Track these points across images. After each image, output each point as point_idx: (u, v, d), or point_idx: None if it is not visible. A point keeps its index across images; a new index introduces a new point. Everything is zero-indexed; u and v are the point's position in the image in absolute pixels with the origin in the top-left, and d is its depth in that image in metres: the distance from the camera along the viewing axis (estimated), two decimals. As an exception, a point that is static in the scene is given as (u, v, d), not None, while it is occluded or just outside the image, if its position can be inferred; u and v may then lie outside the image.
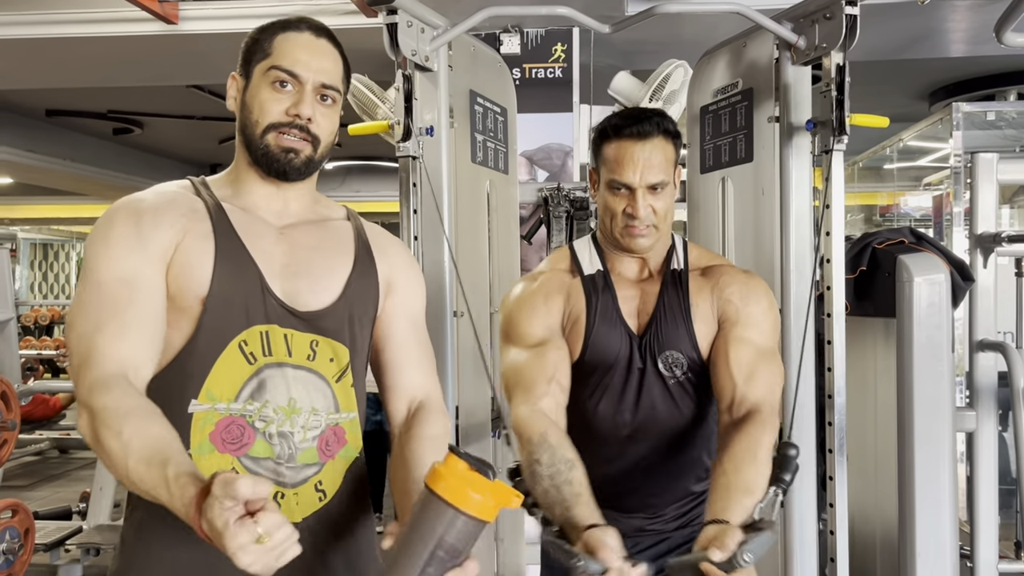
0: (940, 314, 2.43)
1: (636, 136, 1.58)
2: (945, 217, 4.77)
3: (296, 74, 1.25)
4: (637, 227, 1.59)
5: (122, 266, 1.16)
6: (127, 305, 1.14)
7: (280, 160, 1.25)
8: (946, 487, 2.47)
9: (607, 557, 1.21)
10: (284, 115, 1.25)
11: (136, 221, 1.19)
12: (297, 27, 1.29)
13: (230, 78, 1.32)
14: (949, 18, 3.49)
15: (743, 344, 1.57)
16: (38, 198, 9.88)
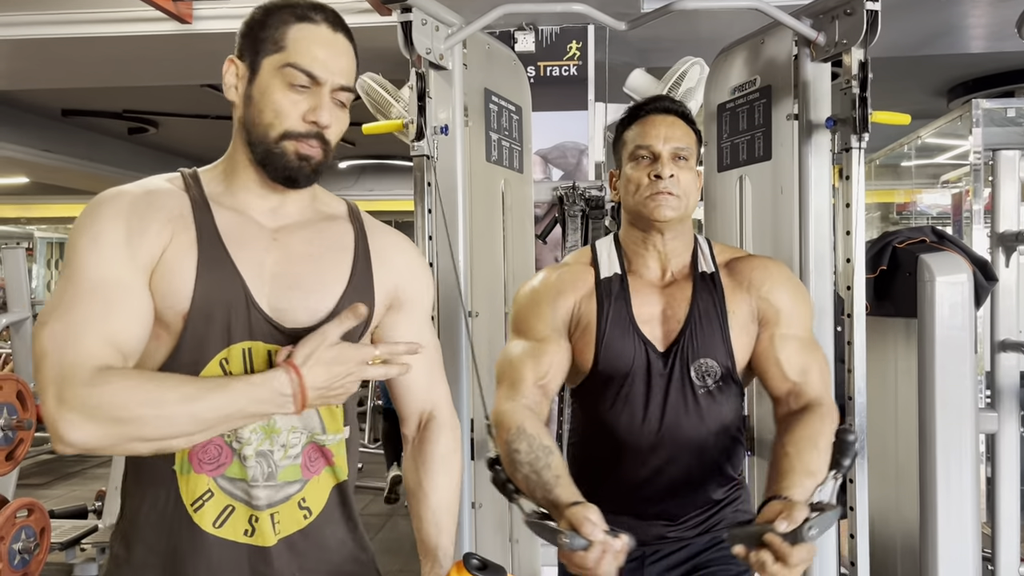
0: (963, 315, 2.39)
1: (660, 111, 1.63)
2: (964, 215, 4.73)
3: (315, 75, 1.15)
4: (663, 192, 1.56)
5: (109, 269, 1.07)
6: (113, 308, 1.06)
7: (294, 168, 1.16)
8: (968, 490, 2.44)
9: (590, 531, 1.25)
10: (302, 122, 1.15)
11: (124, 224, 1.10)
12: (313, 19, 1.16)
13: (228, 62, 1.18)
14: (969, 13, 3.44)
15: (789, 341, 1.58)
16: (54, 197, 9.96)
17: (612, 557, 1.27)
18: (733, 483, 1.66)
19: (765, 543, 1.24)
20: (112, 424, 1.00)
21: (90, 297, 1.05)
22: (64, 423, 0.99)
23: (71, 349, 1.02)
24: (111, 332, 1.05)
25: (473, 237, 2.17)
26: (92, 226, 1.10)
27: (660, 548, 1.63)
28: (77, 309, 1.04)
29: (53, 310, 1.05)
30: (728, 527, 1.44)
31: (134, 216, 1.11)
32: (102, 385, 1.00)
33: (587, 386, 1.64)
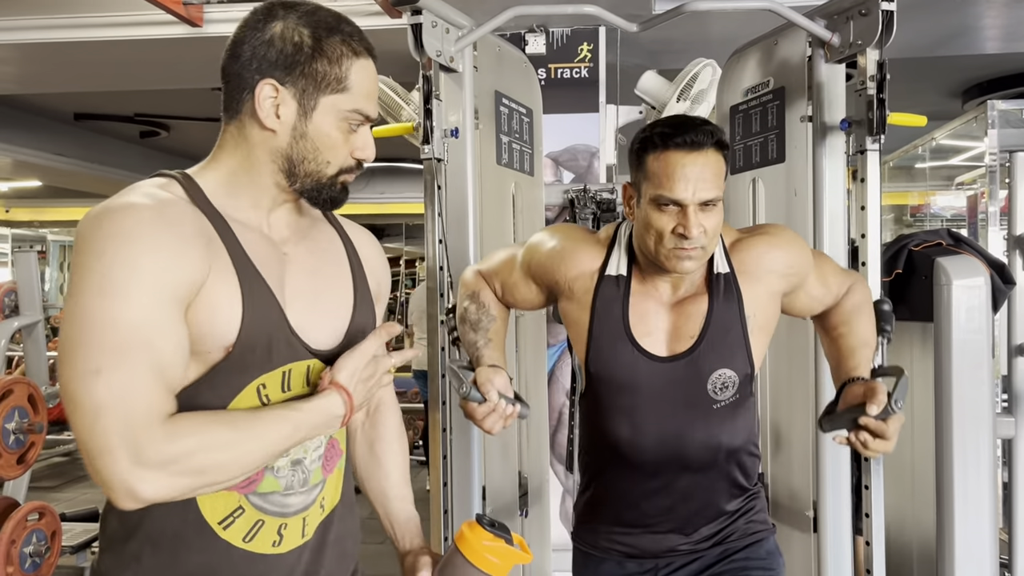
0: (980, 319, 2.36)
1: (688, 147, 1.42)
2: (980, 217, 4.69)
3: (370, 117, 1.15)
4: (686, 248, 1.43)
5: (152, 306, 0.98)
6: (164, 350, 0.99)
7: (340, 198, 1.16)
8: (985, 495, 2.41)
9: (488, 390, 1.47)
10: (351, 157, 1.14)
11: (159, 252, 1.00)
12: (365, 54, 1.13)
13: (267, 86, 1.09)
14: (985, 14, 3.41)
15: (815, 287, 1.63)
16: (67, 201, 10.00)
17: (498, 417, 1.48)
18: (747, 494, 1.63)
19: (861, 425, 1.41)
20: (192, 476, 0.98)
21: (140, 340, 0.96)
22: (142, 482, 0.95)
23: (136, 403, 0.95)
24: (166, 377, 0.99)
25: (483, 240, 2.16)
26: (123, 251, 0.97)
27: (672, 560, 1.60)
28: (131, 356, 0.96)
29: (101, 358, 0.94)
30: (822, 418, 1.55)
31: (167, 242, 1.01)
32: (179, 439, 0.97)
33: (588, 393, 1.61)
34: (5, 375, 3.82)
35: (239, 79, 1.11)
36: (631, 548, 1.61)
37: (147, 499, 0.96)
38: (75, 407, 0.95)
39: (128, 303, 0.96)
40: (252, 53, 1.10)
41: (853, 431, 1.43)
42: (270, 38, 1.09)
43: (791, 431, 2.23)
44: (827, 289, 1.66)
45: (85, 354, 0.95)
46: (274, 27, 1.10)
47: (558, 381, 3.29)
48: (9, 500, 3.48)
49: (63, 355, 0.97)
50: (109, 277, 0.96)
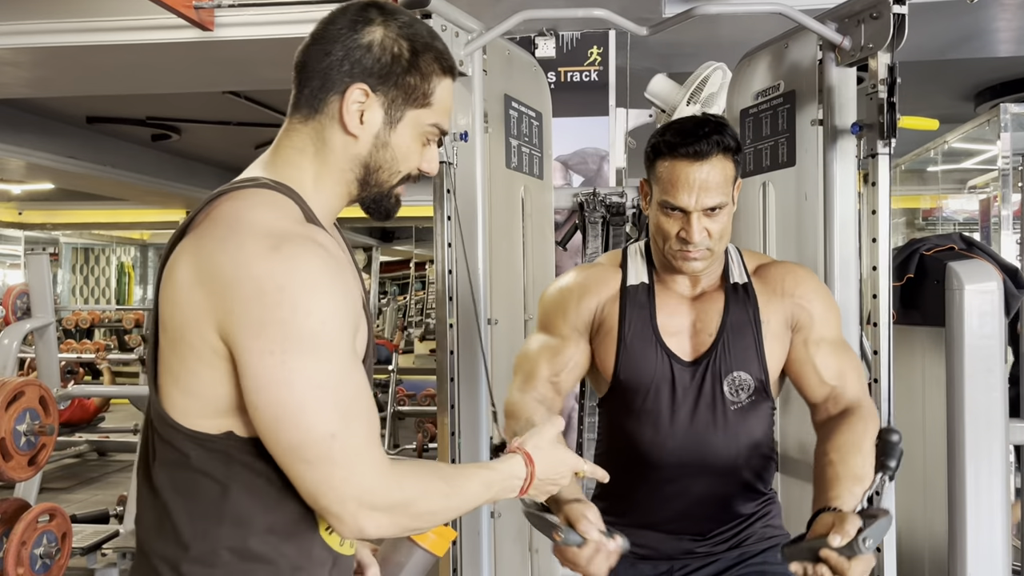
0: (992, 324, 2.35)
1: (692, 156, 1.46)
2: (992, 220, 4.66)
3: (445, 132, 1.17)
4: (691, 251, 1.49)
5: (347, 358, 1.01)
6: (366, 400, 1.04)
7: (395, 209, 1.17)
8: (998, 501, 2.39)
9: (586, 529, 1.31)
10: (416, 168, 1.15)
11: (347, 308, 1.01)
12: (452, 73, 1.15)
13: (358, 89, 1.07)
14: (998, 17, 3.39)
15: (823, 345, 1.57)
16: (79, 203, 10.05)
17: (604, 557, 1.32)
18: (763, 498, 1.63)
19: (822, 558, 1.25)
20: (410, 519, 1.06)
21: (355, 395, 1.01)
22: (369, 522, 1.01)
23: (364, 454, 1.00)
24: (375, 421, 1.05)
25: (492, 244, 2.16)
26: (319, 304, 0.97)
27: (688, 563, 1.60)
28: (355, 414, 1.00)
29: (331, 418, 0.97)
30: (784, 546, 1.38)
31: (341, 282, 1.01)
32: (405, 488, 1.04)
33: (611, 397, 1.62)
34: (17, 377, 3.84)
35: (326, 78, 1.08)
36: (645, 549, 1.61)
37: (372, 536, 1.04)
38: (305, 464, 0.98)
39: (338, 361, 0.99)
40: (346, 55, 1.08)
41: (812, 563, 1.27)
42: (368, 43, 1.08)
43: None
44: (832, 368, 1.56)
45: (313, 419, 0.96)
46: (373, 33, 1.08)
47: (567, 385, 3.28)
48: (20, 501, 3.50)
49: (283, 418, 0.96)
50: (316, 335, 0.96)
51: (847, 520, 1.26)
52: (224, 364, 0.98)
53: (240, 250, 0.96)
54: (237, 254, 0.96)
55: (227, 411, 1.00)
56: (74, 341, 8.89)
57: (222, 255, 0.96)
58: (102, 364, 7.36)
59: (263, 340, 0.94)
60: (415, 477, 1.06)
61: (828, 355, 1.57)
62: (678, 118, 1.56)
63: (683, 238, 1.49)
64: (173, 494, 1.04)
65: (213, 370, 0.98)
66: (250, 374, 0.95)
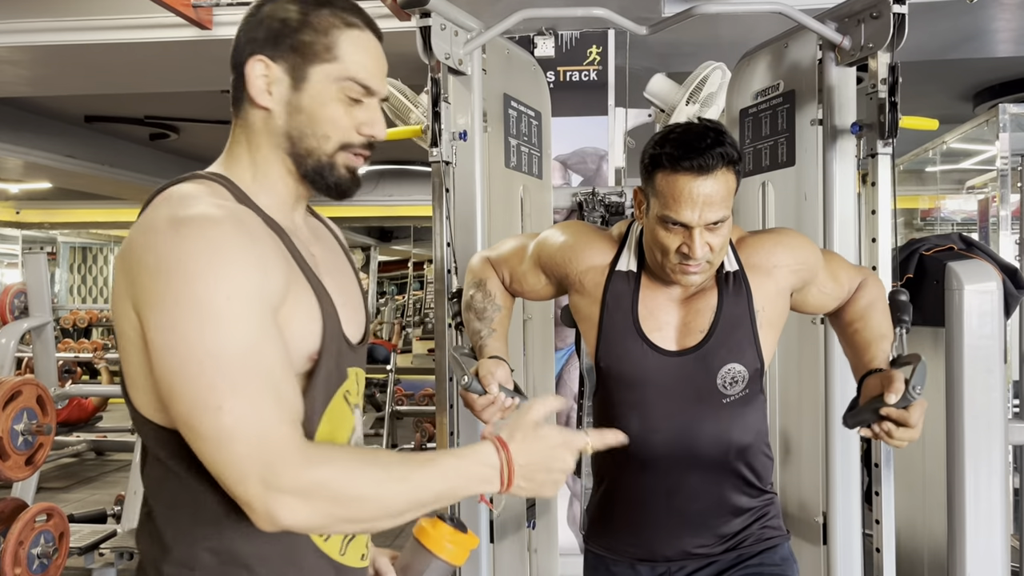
0: (991, 324, 2.35)
1: (696, 171, 1.40)
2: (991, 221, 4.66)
3: (371, 88, 1.10)
4: (691, 267, 1.45)
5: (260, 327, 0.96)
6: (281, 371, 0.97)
7: (346, 182, 1.11)
8: (997, 502, 2.39)
9: (488, 383, 1.48)
10: (357, 133, 1.10)
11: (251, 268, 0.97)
12: (358, 25, 1.10)
13: (256, 61, 1.06)
14: (997, 17, 3.39)
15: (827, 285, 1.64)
16: (77, 202, 10.04)
17: (497, 409, 1.50)
18: (761, 496, 1.61)
19: (883, 416, 1.42)
20: (330, 505, 0.95)
21: (255, 367, 0.94)
22: (280, 507, 0.92)
23: (266, 430, 0.93)
24: (289, 400, 0.97)
25: (491, 244, 2.16)
26: (215, 271, 0.94)
27: (686, 564, 1.59)
28: (250, 385, 0.93)
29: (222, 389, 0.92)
30: (846, 414, 1.54)
31: (255, 257, 0.98)
32: (318, 467, 0.94)
33: (600, 388, 1.62)
34: (14, 376, 3.83)
35: (235, 64, 1.09)
36: (643, 551, 1.60)
37: (287, 525, 0.94)
38: (201, 440, 0.93)
39: (235, 330, 0.93)
40: (244, 37, 1.09)
41: (876, 423, 1.44)
42: (260, 18, 1.08)
43: (800, 438, 2.21)
44: (838, 284, 1.66)
45: (201, 391, 0.92)
46: (264, 8, 1.09)
47: (566, 384, 3.28)
48: (17, 501, 3.49)
49: (174, 389, 0.93)
50: (207, 302, 0.92)
51: (894, 377, 1.39)
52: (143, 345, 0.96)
53: (149, 231, 0.96)
54: (146, 236, 0.96)
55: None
56: (72, 340, 8.87)
57: (135, 241, 0.97)
58: (100, 363, 7.35)
59: (160, 313, 0.93)
60: (336, 458, 0.96)
61: (830, 281, 1.65)
62: (677, 126, 1.48)
63: (684, 253, 1.44)
64: (153, 493, 1.04)
65: (143, 355, 0.97)
66: (152, 346, 0.93)
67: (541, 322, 2.50)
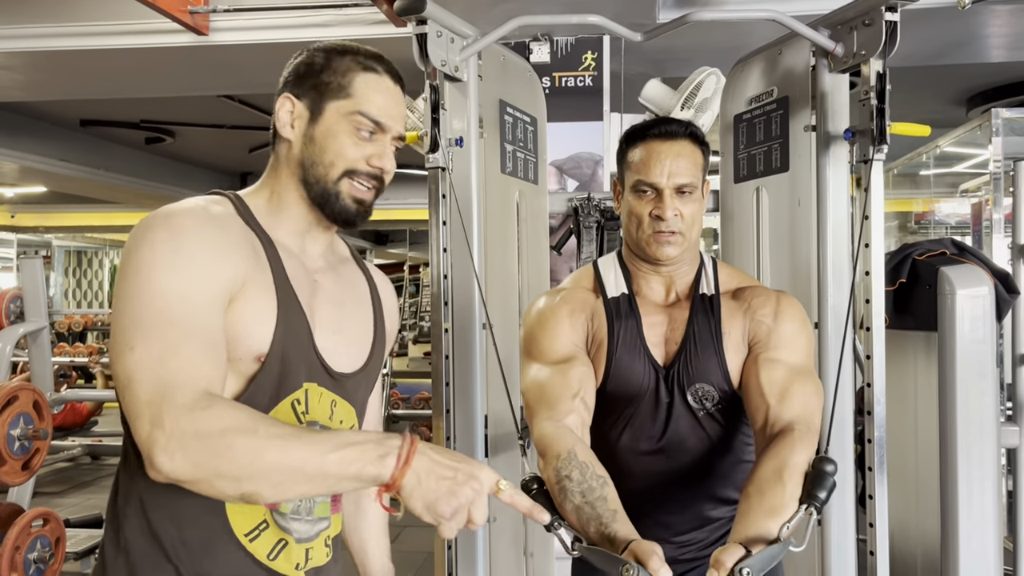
0: (984, 328, 2.36)
1: (663, 136, 1.55)
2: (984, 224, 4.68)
3: (381, 123, 1.21)
4: (663, 232, 1.52)
5: (195, 294, 1.01)
6: (201, 332, 1.00)
7: (351, 211, 1.20)
8: (989, 504, 2.40)
9: (657, 567, 1.19)
10: (365, 163, 1.20)
11: (206, 247, 1.04)
12: (376, 70, 1.22)
13: (285, 99, 1.21)
14: (990, 23, 3.41)
15: (775, 365, 1.49)
16: (72, 206, 10.03)
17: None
18: None
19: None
20: (208, 452, 0.93)
21: (181, 321, 0.99)
22: (158, 448, 0.93)
23: (167, 372, 0.96)
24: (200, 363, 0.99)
25: (488, 249, 2.17)
26: (170, 241, 1.02)
27: (674, 568, 1.60)
28: (168, 333, 0.98)
29: (137, 334, 0.97)
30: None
31: (213, 241, 1.06)
32: (200, 413, 0.94)
33: (597, 408, 1.61)
34: (10, 381, 3.83)
35: (273, 104, 1.23)
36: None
37: (166, 473, 0.93)
38: (118, 385, 0.99)
39: (167, 285, 1.01)
40: (281, 81, 1.24)
41: None
42: (295, 65, 1.24)
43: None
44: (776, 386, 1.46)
45: (123, 332, 0.99)
46: (301, 57, 1.24)
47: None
48: (14, 506, 3.49)
49: (112, 333, 1.01)
50: (155, 260, 1.01)
51: (727, 552, 1.19)
52: None
53: (138, 225, 1.07)
54: (135, 229, 1.07)
55: None
56: (67, 344, 8.85)
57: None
58: (95, 368, 7.34)
59: (118, 284, 1.03)
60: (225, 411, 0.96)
61: (778, 374, 1.48)
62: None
63: (656, 216, 1.53)
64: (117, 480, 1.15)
65: None
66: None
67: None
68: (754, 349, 1.53)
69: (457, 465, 0.99)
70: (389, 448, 0.96)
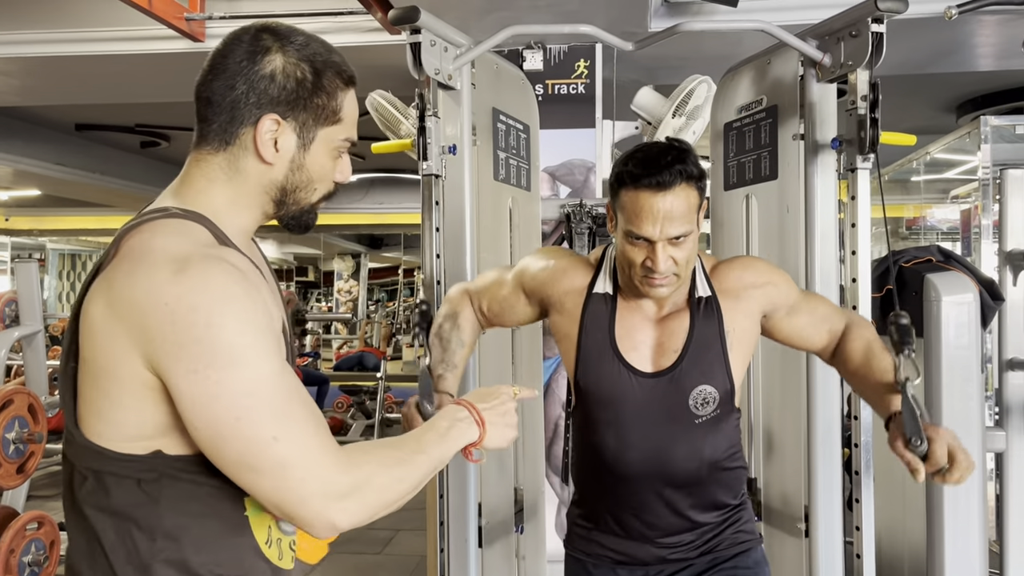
0: (969, 334, 2.39)
1: (655, 187, 1.46)
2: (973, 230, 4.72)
3: (354, 143, 1.20)
4: (656, 279, 1.51)
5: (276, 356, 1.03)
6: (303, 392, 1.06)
7: (313, 222, 1.21)
8: (975, 508, 2.43)
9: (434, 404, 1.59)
10: (332, 183, 1.19)
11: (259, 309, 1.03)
12: (352, 83, 1.18)
13: (271, 120, 1.09)
14: (977, 32, 3.45)
15: (798, 310, 1.67)
16: (66, 209, 10.03)
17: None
18: (731, 507, 1.67)
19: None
20: (376, 496, 1.05)
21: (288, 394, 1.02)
22: (338, 514, 1.01)
23: (314, 449, 1.01)
24: (317, 413, 1.07)
25: (480, 254, 2.19)
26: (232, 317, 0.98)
27: (663, 569, 1.64)
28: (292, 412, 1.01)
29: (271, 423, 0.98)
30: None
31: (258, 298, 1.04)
32: (358, 467, 1.05)
33: (578, 406, 1.67)
34: (5, 385, 3.83)
35: (234, 112, 1.09)
36: (621, 555, 1.66)
37: (347, 527, 1.04)
38: (257, 474, 0.99)
39: (259, 366, 0.99)
40: (250, 87, 1.09)
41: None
42: (271, 73, 1.09)
43: (783, 446, 2.25)
44: (815, 317, 1.69)
45: (252, 428, 0.98)
46: (273, 61, 1.10)
47: (554, 393, 3.32)
48: (8, 509, 3.50)
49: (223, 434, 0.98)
50: (234, 347, 0.98)
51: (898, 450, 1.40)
52: (153, 394, 0.99)
53: (149, 279, 0.98)
54: (147, 283, 0.98)
55: (154, 435, 1.02)
56: (60, 348, 8.83)
57: (133, 288, 0.98)
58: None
59: (185, 361, 0.96)
60: (365, 453, 1.08)
61: (806, 316, 1.68)
62: (642, 145, 1.56)
63: (648, 267, 1.50)
64: (103, 519, 1.06)
65: (141, 400, 1.00)
66: (181, 397, 0.97)
67: (529, 331, 2.54)
68: (775, 315, 1.67)
69: (495, 400, 1.28)
70: (467, 418, 1.23)
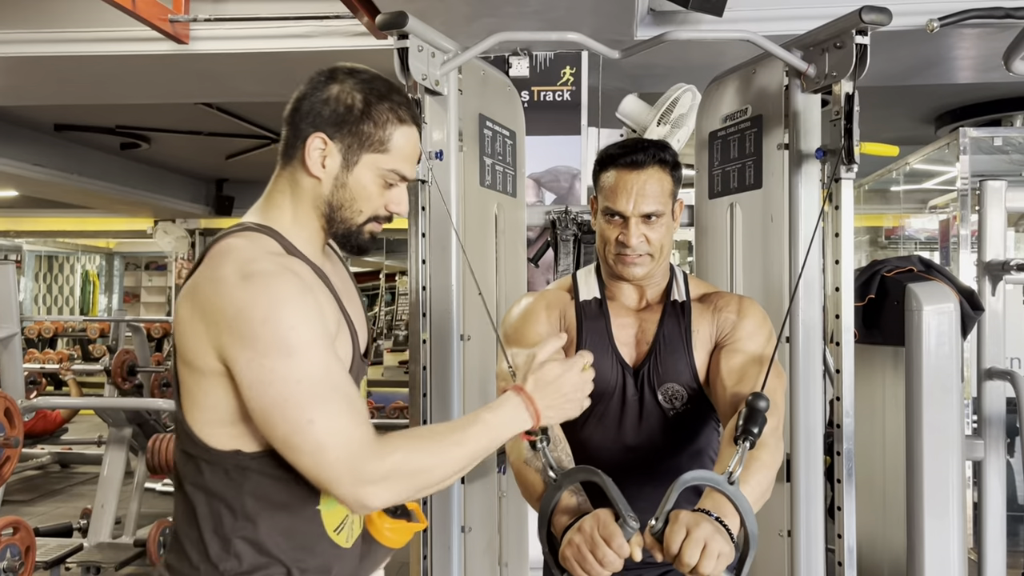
0: (949, 343, 2.42)
1: (630, 165, 1.59)
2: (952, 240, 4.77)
3: (407, 177, 1.31)
4: (629, 255, 1.60)
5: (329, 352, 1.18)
6: (347, 384, 1.19)
7: (367, 244, 1.33)
8: (955, 516, 2.45)
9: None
10: (385, 208, 1.31)
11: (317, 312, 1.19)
12: (409, 122, 1.30)
13: (319, 139, 1.25)
14: (957, 45, 3.49)
15: (736, 353, 1.61)
16: (44, 211, 9.91)
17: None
18: None
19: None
20: (407, 481, 1.17)
21: (331, 386, 1.15)
22: (368, 495, 1.15)
23: (349, 435, 1.14)
24: (359, 407, 1.18)
25: (466, 260, 2.18)
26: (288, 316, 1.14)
27: (643, 572, 1.64)
28: (330, 401, 1.15)
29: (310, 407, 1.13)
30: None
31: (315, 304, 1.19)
32: (391, 455, 1.16)
33: None
34: (-19, 388, 3.78)
35: (296, 130, 1.27)
36: None
37: (378, 507, 1.19)
38: (299, 453, 1.14)
39: (309, 359, 1.14)
40: (310, 109, 1.27)
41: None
42: (327, 98, 1.26)
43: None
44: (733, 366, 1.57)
45: (295, 411, 1.13)
46: (332, 88, 1.27)
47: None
48: (-17, 514, 3.45)
49: (273, 416, 1.13)
50: (287, 340, 1.13)
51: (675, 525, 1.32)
52: (226, 381, 1.16)
53: (222, 283, 1.16)
54: (221, 287, 1.16)
55: (233, 421, 1.19)
56: (36, 351, 8.73)
57: (210, 290, 1.17)
58: (67, 375, 7.25)
59: (248, 351, 1.13)
60: (402, 444, 1.18)
61: (738, 361, 1.58)
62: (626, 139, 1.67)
63: (622, 242, 1.60)
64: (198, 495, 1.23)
65: (219, 388, 1.17)
66: (243, 382, 1.14)
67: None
68: (719, 343, 1.64)
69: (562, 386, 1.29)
70: (517, 408, 1.26)
